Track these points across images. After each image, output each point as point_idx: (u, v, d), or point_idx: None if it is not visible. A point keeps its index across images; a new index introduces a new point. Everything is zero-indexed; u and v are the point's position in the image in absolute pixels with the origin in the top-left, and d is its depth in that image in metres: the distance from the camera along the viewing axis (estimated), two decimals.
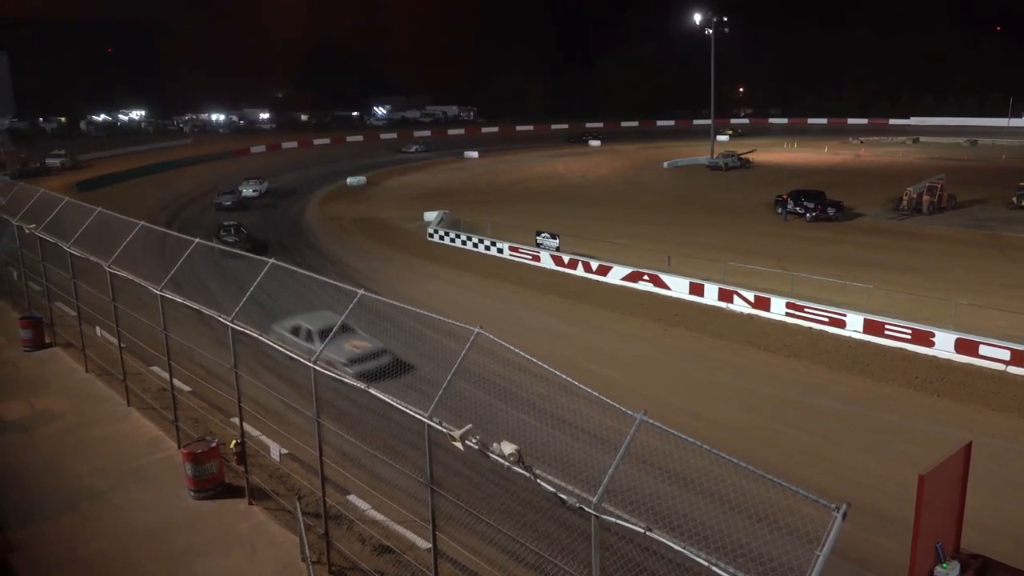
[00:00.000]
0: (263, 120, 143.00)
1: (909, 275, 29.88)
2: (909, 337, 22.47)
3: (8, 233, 23.53)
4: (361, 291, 11.34)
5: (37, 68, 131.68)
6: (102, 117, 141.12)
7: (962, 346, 21.44)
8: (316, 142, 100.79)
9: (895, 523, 12.42)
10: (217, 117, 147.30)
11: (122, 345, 17.58)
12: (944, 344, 21.77)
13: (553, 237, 34.44)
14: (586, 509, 7.57)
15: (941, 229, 40.01)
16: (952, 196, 45.03)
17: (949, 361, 21.50)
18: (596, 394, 8.02)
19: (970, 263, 32.50)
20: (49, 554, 12.09)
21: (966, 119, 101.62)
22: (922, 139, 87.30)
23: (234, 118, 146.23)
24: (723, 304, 27.00)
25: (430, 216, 42.70)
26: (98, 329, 19.60)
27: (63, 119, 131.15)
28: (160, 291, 14.89)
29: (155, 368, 18.63)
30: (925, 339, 22.14)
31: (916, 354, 22.12)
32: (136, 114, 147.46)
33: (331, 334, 11.50)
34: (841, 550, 6.31)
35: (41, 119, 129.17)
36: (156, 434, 16.16)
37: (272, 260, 13.17)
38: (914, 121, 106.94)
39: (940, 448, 7.97)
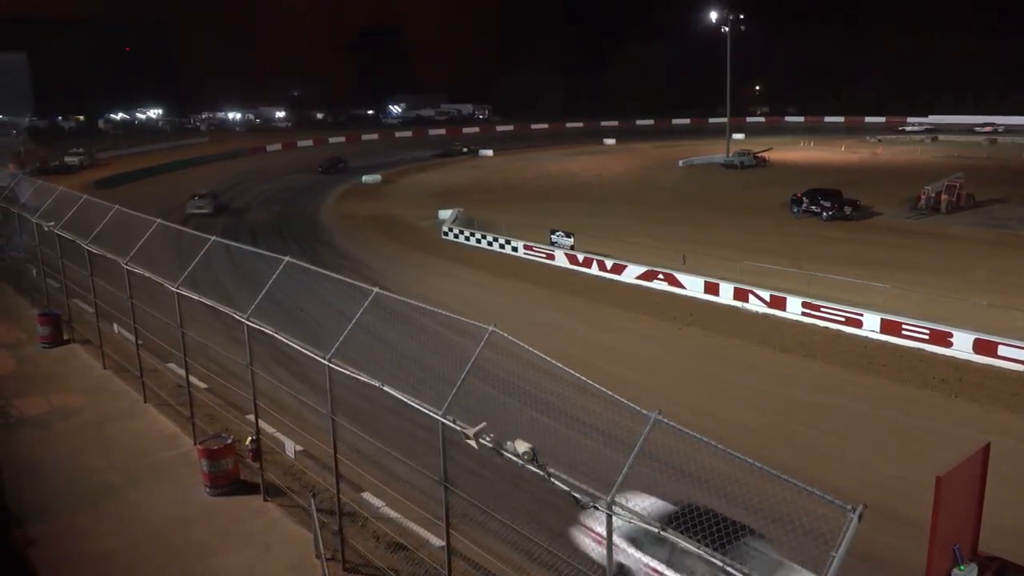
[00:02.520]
0: (279, 118, 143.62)
1: (927, 275, 29.63)
2: (927, 337, 22.28)
3: (27, 230, 23.76)
4: (376, 289, 11.37)
5: (56, 67, 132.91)
6: (120, 116, 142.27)
7: (980, 347, 21.23)
8: (331, 140, 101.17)
9: (912, 525, 12.30)
10: (233, 115, 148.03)
11: (139, 342, 17.71)
12: (962, 345, 21.57)
13: (567, 236, 34.39)
14: (600, 508, 7.55)
15: (959, 228, 39.65)
16: (971, 195, 44.61)
17: (967, 362, 21.30)
18: (610, 393, 8.01)
19: (989, 263, 32.18)
20: (65, 549, 12.20)
21: (985, 117, 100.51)
22: (941, 137, 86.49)
23: (250, 116, 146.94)
24: (738, 303, 26.87)
25: (444, 214, 42.77)
26: (115, 326, 19.76)
27: (81, 117, 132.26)
28: (177, 288, 14.99)
29: (171, 365, 18.76)
30: (943, 339, 21.95)
31: (934, 355, 21.94)
32: (153, 113, 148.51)
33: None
34: (856, 551, 6.26)
35: (60, 117, 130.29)
36: (172, 431, 16.27)
37: (288, 258, 13.24)
38: (932, 119, 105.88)
39: (957, 449, 7.91)
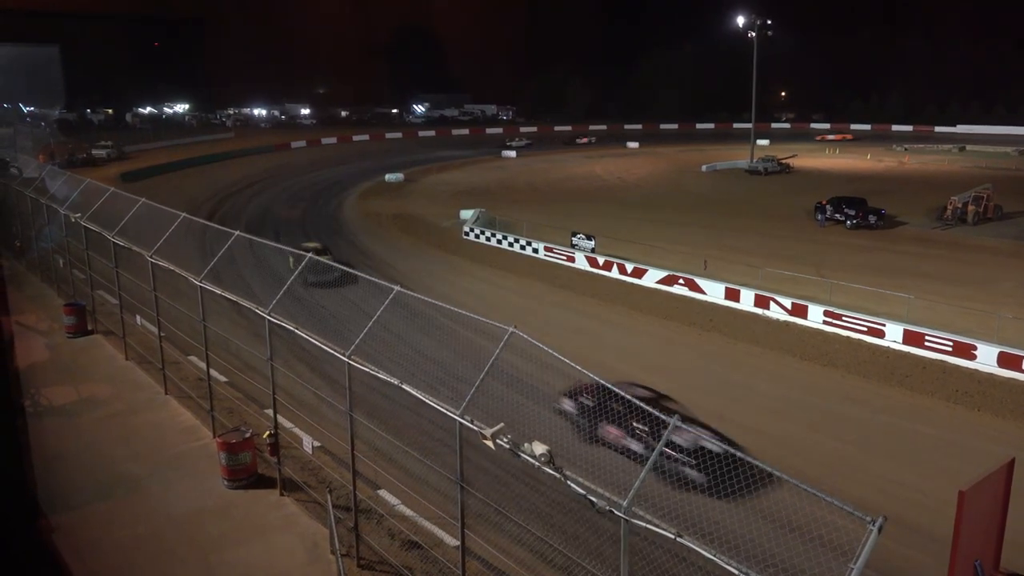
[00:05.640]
0: (304, 115, 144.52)
1: (952, 286, 29.27)
2: (950, 349, 22.01)
3: (56, 221, 24.08)
4: (397, 287, 11.40)
5: (87, 61, 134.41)
6: (148, 110, 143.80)
7: (1005, 360, 20.94)
8: (355, 138, 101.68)
9: (933, 539, 12.17)
10: (259, 112, 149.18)
11: (161, 334, 17.88)
12: (986, 358, 21.29)
13: (588, 238, 34.34)
14: (616, 513, 7.53)
15: (986, 240, 39.13)
16: (999, 206, 44.00)
17: (991, 375, 21.01)
18: (629, 397, 7.98)
19: (1016, 275, 31.72)
20: (87, 537, 12.33)
21: (1015, 127, 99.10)
22: (968, 147, 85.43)
23: (275, 113, 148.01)
24: (759, 310, 26.68)
25: (466, 214, 42.82)
26: (138, 318, 19.96)
27: (110, 111, 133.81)
28: (200, 282, 15.12)
29: (192, 357, 18.92)
30: (967, 352, 21.67)
31: (957, 367, 21.66)
32: (180, 107, 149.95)
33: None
34: (875, 564, 6.20)
35: (89, 111, 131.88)
36: (192, 423, 16.42)
37: (310, 255, 13.33)
38: (960, 129, 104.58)
39: (980, 463, 7.80)
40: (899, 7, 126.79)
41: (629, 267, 31.64)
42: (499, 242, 38.06)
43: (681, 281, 29.46)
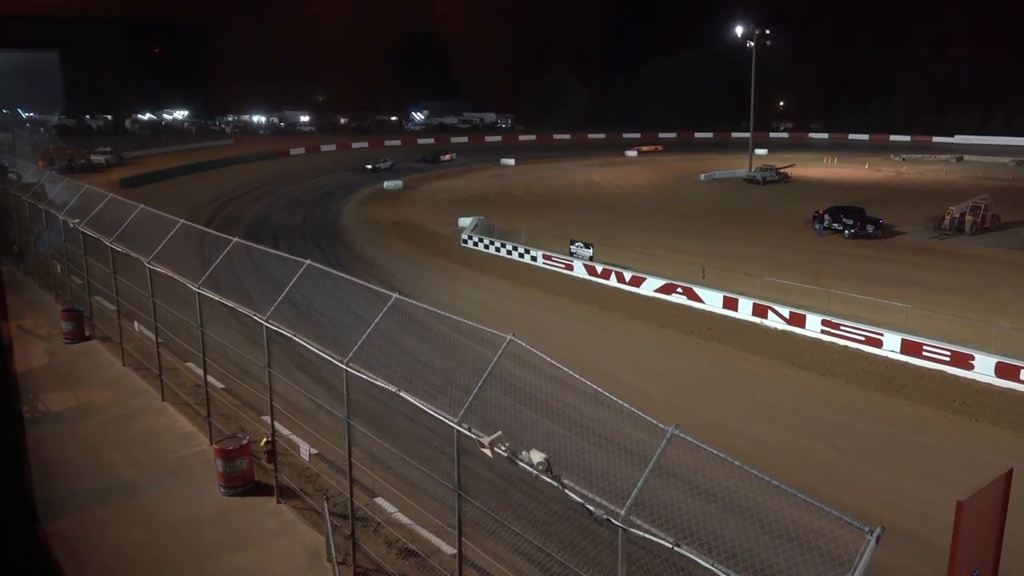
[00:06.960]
0: (303, 122, 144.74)
1: (950, 295, 29.32)
2: (948, 359, 22.03)
3: (54, 227, 24.08)
4: (395, 295, 11.40)
5: (87, 66, 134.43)
6: (147, 116, 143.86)
7: (1003, 370, 20.96)
8: (355, 145, 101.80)
9: (931, 549, 12.15)
10: (258, 118, 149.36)
11: (159, 340, 17.85)
12: (984, 367, 21.31)
13: (587, 246, 34.36)
14: (614, 522, 7.52)
15: (984, 250, 39.21)
16: (996, 216, 44.16)
17: (989, 385, 21.03)
18: (627, 406, 7.98)
19: (1015, 285, 31.79)
20: (84, 543, 12.28)
21: (1013, 138, 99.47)
22: (966, 158, 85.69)
23: (275, 120, 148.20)
24: (757, 319, 26.70)
25: (465, 222, 42.87)
26: (136, 324, 19.93)
27: (109, 117, 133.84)
28: (198, 288, 15.11)
29: (190, 364, 18.89)
30: (964, 362, 21.69)
31: (955, 377, 21.68)
32: (179, 114, 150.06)
33: None
34: (874, 574, 6.18)
35: (88, 116, 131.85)
36: (189, 429, 16.37)
37: (308, 261, 13.32)
38: (958, 139, 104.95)
39: (978, 473, 7.79)
40: (899, 17, 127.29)
41: (627, 275, 31.65)
42: (497, 250, 38.07)
43: (679, 290, 29.47)
